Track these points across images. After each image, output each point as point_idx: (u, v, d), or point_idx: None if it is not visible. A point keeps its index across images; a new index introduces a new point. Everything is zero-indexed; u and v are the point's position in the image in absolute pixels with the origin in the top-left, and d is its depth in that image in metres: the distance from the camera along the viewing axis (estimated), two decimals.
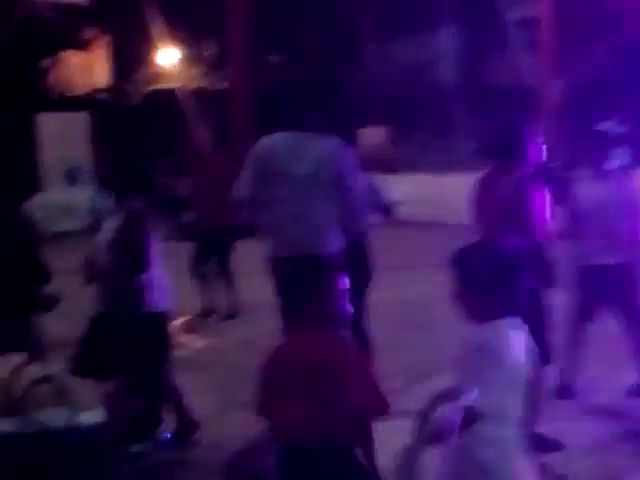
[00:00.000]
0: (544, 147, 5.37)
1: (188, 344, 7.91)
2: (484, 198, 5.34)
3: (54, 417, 2.26)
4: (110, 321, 4.81)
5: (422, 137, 17.58)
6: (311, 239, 5.12)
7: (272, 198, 5.18)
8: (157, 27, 18.33)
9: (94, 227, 5.42)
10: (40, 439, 2.22)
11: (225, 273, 8.91)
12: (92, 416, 2.37)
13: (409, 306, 8.33)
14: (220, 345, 7.90)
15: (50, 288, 4.76)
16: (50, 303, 4.44)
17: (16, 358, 2.45)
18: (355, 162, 5.23)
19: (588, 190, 5.77)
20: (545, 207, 5.19)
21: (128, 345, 4.71)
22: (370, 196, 6.06)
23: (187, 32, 20.57)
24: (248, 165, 5.24)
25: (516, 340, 2.77)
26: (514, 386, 2.73)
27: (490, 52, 19.69)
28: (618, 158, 5.94)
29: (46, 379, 2.34)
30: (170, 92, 20.09)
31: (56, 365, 2.44)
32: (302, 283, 3.25)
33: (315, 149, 5.14)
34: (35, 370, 2.38)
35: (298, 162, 5.11)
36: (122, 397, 4.47)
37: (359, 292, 5.86)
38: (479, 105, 17.69)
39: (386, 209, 6.71)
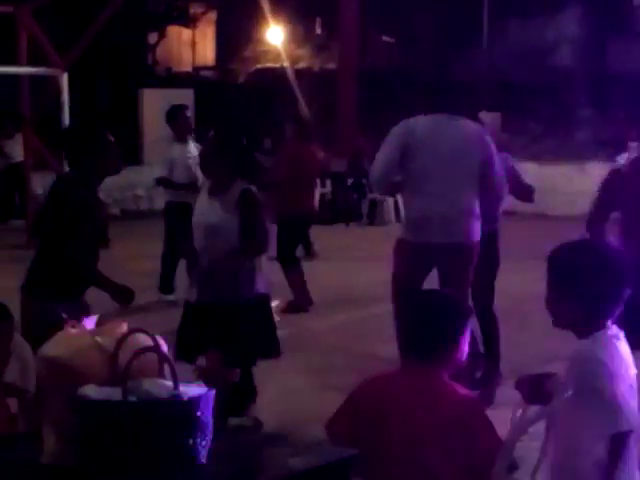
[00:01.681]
0: None
1: (285, 326, 7.87)
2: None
3: (157, 387, 2.28)
4: (214, 307, 4.68)
5: (536, 125, 17.02)
6: (456, 225, 5.17)
7: (414, 180, 5.19)
8: (265, 5, 18.10)
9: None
10: (144, 408, 2.26)
11: (286, 263, 8.48)
12: (193, 388, 2.36)
13: (507, 298, 8.19)
14: (317, 328, 7.89)
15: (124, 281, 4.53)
16: (125, 296, 4.17)
17: (117, 328, 2.44)
18: (495, 145, 5.34)
19: None
20: None
21: (236, 329, 4.64)
22: (513, 181, 5.98)
23: (296, 10, 20.33)
24: (389, 146, 5.22)
25: (623, 353, 2.52)
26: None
27: (614, 38, 18.92)
28: None
29: (150, 349, 2.33)
30: (276, 71, 19.87)
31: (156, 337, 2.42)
32: (439, 317, 2.84)
33: (460, 131, 5.19)
34: (140, 340, 2.36)
35: (443, 144, 5.14)
36: (217, 370, 4.28)
37: (491, 280, 5.91)
38: (599, 94, 16.96)
39: (528, 193, 6.51)
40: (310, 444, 2.69)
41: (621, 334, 2.55)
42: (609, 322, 2.53)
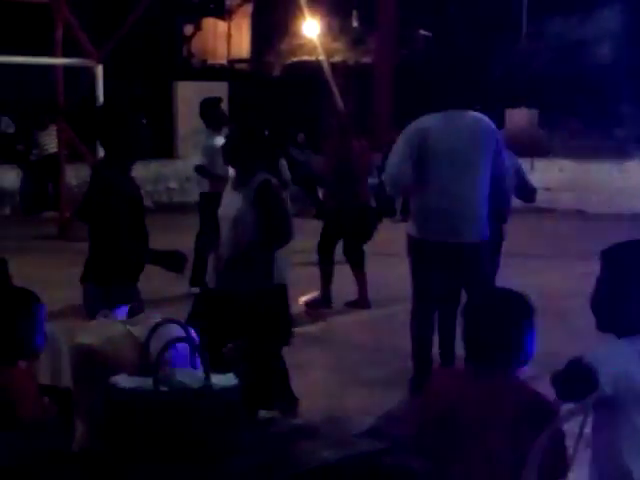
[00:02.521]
0: None
1: (315, 320, 7.83)
2: None
3: (189, 377, 2.31)
4: (229, 296, 4.63)
5: (574, 122, 16.83)
6: (468, 224, 5.16)
7: (428, 178, 5.16)
8: None
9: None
10: (175, 398, 2.28)
11: (352, 259, 8.44)
12: (224, 379, 2.38)
13: (543, 294, 8.14)
14: (347, 323, 7.84)
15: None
16: (177, 261, 4.16)
17: (150, 318, 2.47)
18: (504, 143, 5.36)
19: None
20: None
21: (254, 319, 4.60)
22: (517, 179, 6.05)
23: (332, 3, 20.26)
24: (403, 143, 5.21)
25: None
26: None
27: None
28: None
29: (182, 340, 2.35)
30: (312, 65, 19.83)
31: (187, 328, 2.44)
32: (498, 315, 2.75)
33: (471, 126, 5.19)
34: (168, 331, 2.38)
35: (456, 142, 5.12)
36: (237, 363, 4.38)
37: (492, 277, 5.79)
38: (638, 91, 16.73)
39: (531, 193, 6.48)
40: (341, 437, 2.67)
41: None
42: None
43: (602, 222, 9.85)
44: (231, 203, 4.73)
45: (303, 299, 8.36)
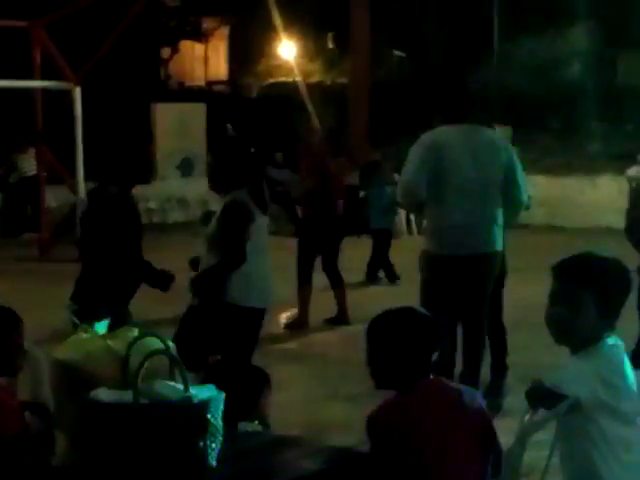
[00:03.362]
0: None
1: (296, 336, 7.94)
2: None
3: (169, 390, 2.33)
4: (201, 314, 4.65)
5: (547, 138, 17.02)
6: (485, 235, 5.23)
7: (444, 189, 5.17)
8: (277, 20, 18.18)
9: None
10: (155, 410, 2.30)
11: (331, 276, 8.48)
12: (204, 391, 2.40)
13: (523, 307, 8.19)
14: (328, 338, 7.93)
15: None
16: (166, 280, 4.21)
17: (128, 332, 2.52)
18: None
19: None
20: None
21: (218, 338, 4.61)
22: None
23: (307, 25, 20.39)
24: (418, 155, 5.20)
25: (623, 361, 2.55)
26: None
27: (623, 52, 18.92)
28: None
29: (161, 352, 2.38)
30: (289, 86, 19.92)
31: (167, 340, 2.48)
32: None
33: (486, 140, 5.26)
34: (147, 344, 2.41)
35: (473, 156, 5.17)
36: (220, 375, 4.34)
37: (499, 290, 5.95)
38: (609, 107, 16.96)
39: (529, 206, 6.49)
40: (320, 447, 2.70)
41: (619, 341, 2.56)
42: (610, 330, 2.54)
43: (575, 236, 9.96)
44: (210, 221, 4.78)
45: (283, 319, 8.40)
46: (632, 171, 15.54)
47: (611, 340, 2.54)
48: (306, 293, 8.32)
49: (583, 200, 15.08)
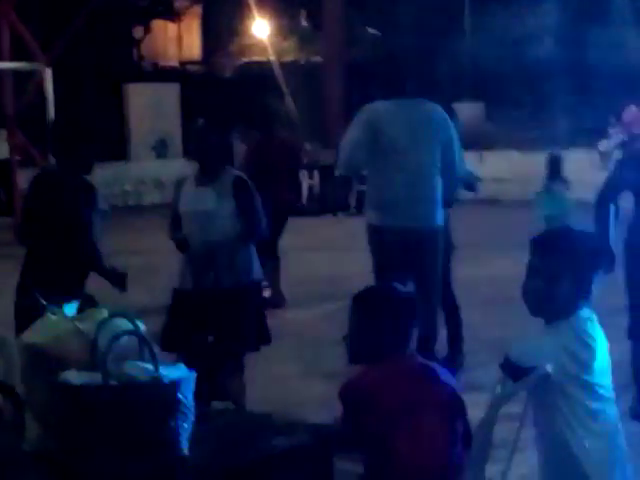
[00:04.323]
0: None
1: (274, 315, 7.91)
2: None
3: (139, 370, 2.29)
4: (213, 293, 4.67)
5: (519, 114, 17.10)
6: (424, 209, 5.24)
7: (382, 163, 5.21)
8: None
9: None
10: (125, 392, 2.26)
11: (271, 257, 8.43)
12: (175, 370, 2.36)
13: (494, 283, 8.32)
14: (305, 317, 7.98)
15: (119, 264, 4.56)
16: (120, 280, 4.21)
17: (97, 313, 2.47)
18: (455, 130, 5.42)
19: None
20: None
21: (236, 315, 4.66)
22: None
23: (280, 4, 20.27)
24: (355, 129, 5.24)
25: (597, 333, 2.62)
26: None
27: (594, 27, 19.02)
28: None
29: (130, 333, 2.34)
30: (263, 65, 19.82)
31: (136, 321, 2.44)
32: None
33: (423, 114, 5.25)
34: (116, 325, 2.37)
35: (409, 128, 5.18)
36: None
37: (447, 266, 5.94)
38: (580, 82, 17.09)
39: (472, 183, 6.59)
40: (292, 424, 2.71)
41: (593, 315, 2.60)
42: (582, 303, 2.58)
43: None
44: (201, 199, 4.74)
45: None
46: (603, 145, 15.68)
47: (584, 313, 2.58)
48: (274, 269, 8.33)
49: None
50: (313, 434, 2.60)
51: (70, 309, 2.52)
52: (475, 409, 2.83)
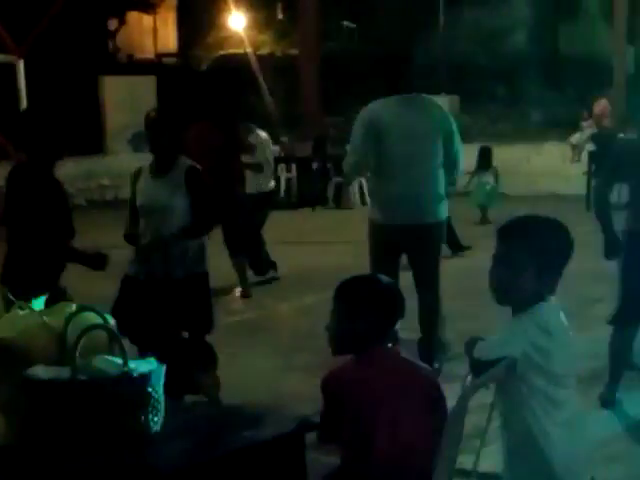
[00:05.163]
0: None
1: (251, 309, 7.92)
2: None
3: (108, 364, 2.30)
4: (170, 285, 4.67)
5: (493, 107, 17.21)
6: (428, 205, 5.28)
7: (385, 163, 5.25)
8: None
9: None
10: (93, 386, 2.26)
11: (231, 248, 8.44)
12: (144, 364, 2.37)
13: (473, 275, 8.32)
14: (282, 310, 7.96)
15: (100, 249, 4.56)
16: (100, 261, 4.19)
17: (66, 307, 2.47)
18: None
19: None
20: None
21: (187, 305, 4.66)
22: None
23: None
24: (359, 131, 5.28)
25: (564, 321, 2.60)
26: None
27: (566, 22, 19.19)
28: None
29: (99, 327, 2.35)
30: (239, 57, 19.77)
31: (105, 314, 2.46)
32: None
33: (424, 109, 5.31)
34: (85, 318, 2.38)
35: (411, 125, 5.22)
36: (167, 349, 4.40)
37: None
38: (552, 76, 17.23)
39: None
40: (265, 416, 2.70)
41: (558, 304, 2.61)
42: (548, 293, 2.58)
43: (522, 203, 10.06)
44: (156, 191, 4.72)
45: (238, 288, 8.40)
46: (575, 138, 15.81)
47: (549, 302, 2.58)
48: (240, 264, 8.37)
49: (528, 167, 15.32)
50: (287, 427, 2.60)
51: (38, 303, 2.51)
52: (451, 400, 2.83)
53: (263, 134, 8.98)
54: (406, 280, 5.24)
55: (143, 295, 4.70)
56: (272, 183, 9.06)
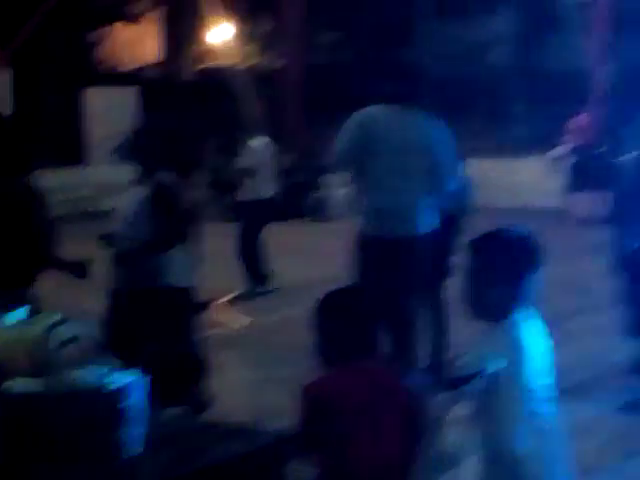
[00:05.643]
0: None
1: (229, 323, 7.95)
2: None
3: (85, 377, 2.29)
4: (134, 297, 4.68)
5: (474, 121, 17.29)
6: (411, 218, 5.23)
7: (372, 167, 5.19)
8: (210, 2, 17.99)
9: None
10: (71, 399, 2.24)
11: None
12: (125, 376, 2.36)
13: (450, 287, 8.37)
14: (263, 323, 7.98)
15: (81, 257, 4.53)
16: (80, 269, 4.19)
17: (47, 318, 2.44)
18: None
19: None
20: None
21: (151, 320, 4.65)
22: None
23: (241, 8, 20.23)
24: (350, 130, 5.22)
25: (531, 333, 2.61)
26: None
27: (547, 36, 19.32)
28: None
29: (76, 339, 2.34)
30: (223, 69, 19.76)
31: (87, 325, 2.47)
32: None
33: (417, 122, 5.23)
34: (66, 330, 2.37)
35: (403, 136, 5.17)
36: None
37: (442, 270, 5.99)
38: (534, 90, 17.35)
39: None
40: (246, 429, 2.71)
41: (532, 315, 2.62)
42: (519, 305, 2.60)
43: (504, 216, 10.09)
44: (131, 199, 4.73)
45: (222, 300, 8.41)
46: (555, 152, 15.94)
47: (521, 314, 2.59)
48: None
49: (510, 181, 15.43)
50: (267, 439, 2.62)
51: (18, 314, 2.50)
52: (430, 415, 2.84)
53: (256, 141, 9.01)
54: None
55: (122, 305, 4.71)
56: (271, 190, 9.05)
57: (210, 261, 8.15)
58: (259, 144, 9.03)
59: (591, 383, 5.73)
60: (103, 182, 16.80)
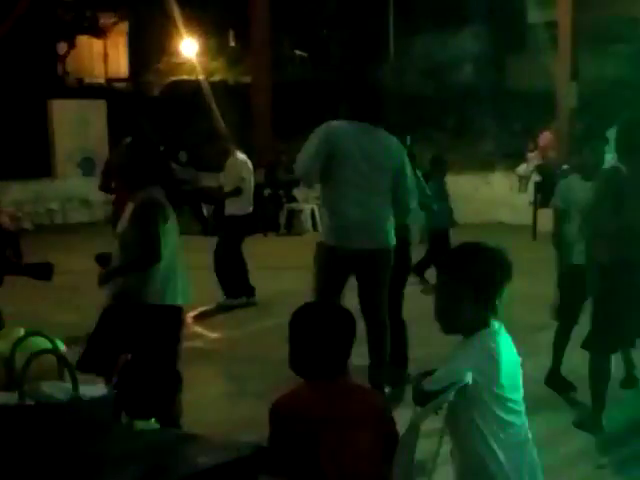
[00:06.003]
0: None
1: (203, 335, 7.95)
2: None
3: (57, 390, 2.26)
4: (118, 315, 4.65)
5: (441, 137, 17.47)
6: (375, 231, 5.34)
7: (337, 186, 5.29)
8: (178, 17, 18.00)
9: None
10: (43, 412, 2.22)
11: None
12: (94, 390, 2.35)
13: (422, 302, 8.40)
14: (235, 336, 7.96)
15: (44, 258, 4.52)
16: (46, 271, 4.15)
17: (17, 331, 2.45)
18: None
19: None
20: None
21: (133, 338, 4.60)
22: None
23: (209, 23, 20.26)
24: (315, 141, 5.28)
25: (503, 346, 2.65)
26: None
27: (513, 54, 19.61)
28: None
29: (48, 352, 2.32)
30: (191, 84, 19.76)
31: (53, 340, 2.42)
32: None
33: (380, 140, 5.35)
34: (37, 343, 2.36)
35: (366, 152, 5.27)
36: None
37: (400, 285, 6.05)
38: (499, 108, 17.61)
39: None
40: (217, 442, 2.71)
41: (500, 328, 2.65)
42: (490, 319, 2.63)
43: (471, 231, 10.19)
44: (123, 219, 4.71)
45: (191, 315, 8.39)
46: (521, 169, 16.15)
47: (491, 327, 2.63)
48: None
49: (477, 197, 15.62)
50: (237, 453, 2.61)
51: None
52: (402, 426, 2.87)
53: (241, 156, 9.09)
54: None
55: (113, 324, 4.69)
56: (249, 207, 9.16)
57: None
58: (241, 160, 9.09)
59: (559, 395, 5.79)
60: (71, 195, 16.71)
